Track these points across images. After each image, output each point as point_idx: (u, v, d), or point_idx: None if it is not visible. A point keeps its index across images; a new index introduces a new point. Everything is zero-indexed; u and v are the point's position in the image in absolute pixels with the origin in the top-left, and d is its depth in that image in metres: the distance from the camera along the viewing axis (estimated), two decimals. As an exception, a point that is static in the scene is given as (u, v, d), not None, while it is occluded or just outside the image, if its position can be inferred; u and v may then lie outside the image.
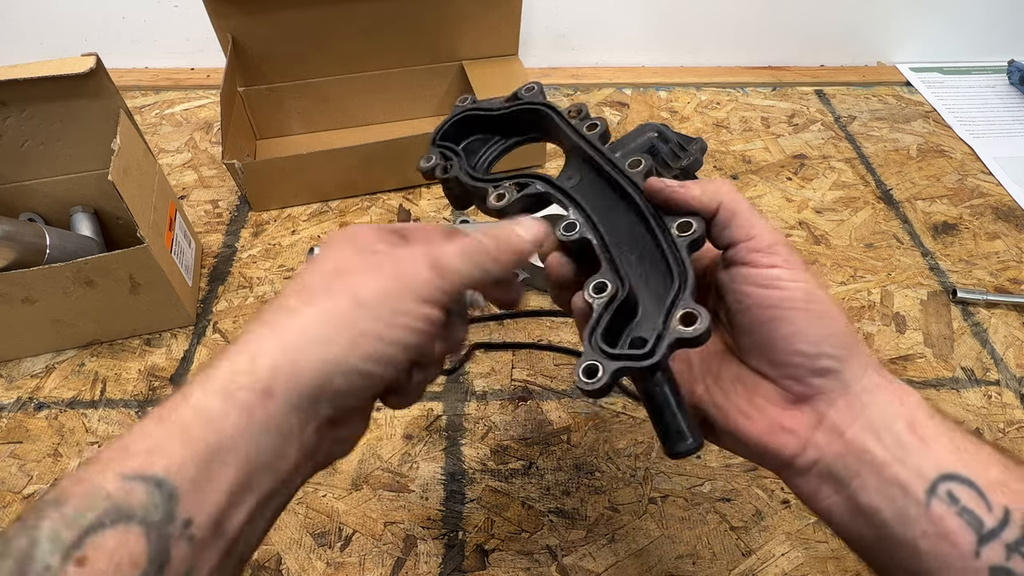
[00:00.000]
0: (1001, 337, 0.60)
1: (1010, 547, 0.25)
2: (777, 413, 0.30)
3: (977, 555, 0.25)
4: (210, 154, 0.78)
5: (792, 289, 0.30)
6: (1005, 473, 0.27)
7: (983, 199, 0.74)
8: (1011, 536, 0.25)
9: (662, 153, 0.67)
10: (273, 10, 0.69)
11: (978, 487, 0.26)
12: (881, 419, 0.28)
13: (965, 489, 0.26)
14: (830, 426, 0.29)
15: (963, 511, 0.26)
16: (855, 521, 0.29)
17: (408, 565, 0.45)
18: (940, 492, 0.26)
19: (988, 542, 0.26)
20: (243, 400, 0.25)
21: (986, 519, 0.26)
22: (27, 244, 0.53)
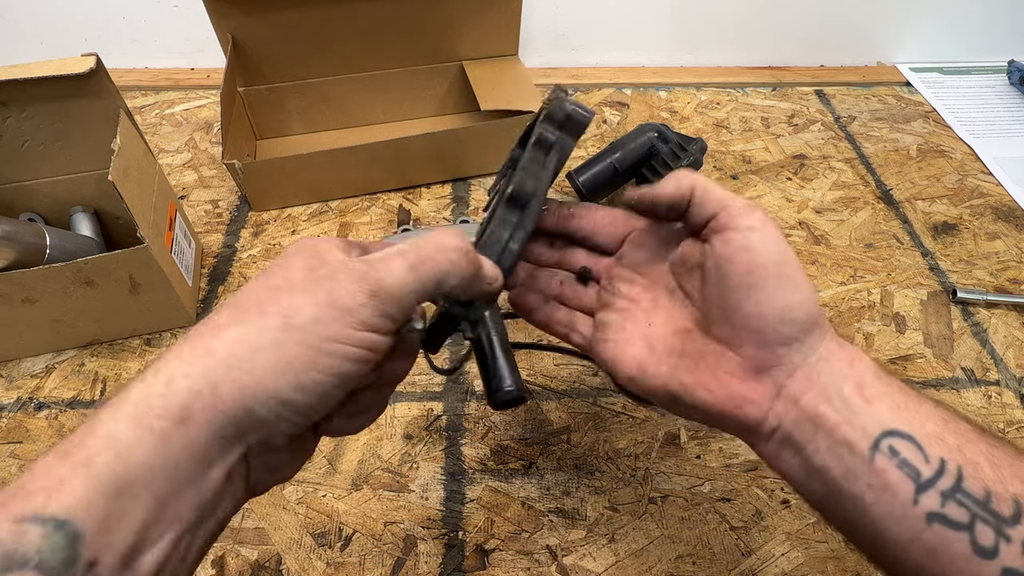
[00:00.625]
0: (1001, 337, 0.60)
1: (945, 494, 0.27)
2: (739, 385, 0.32)
3: (916, 503, 0.28)
4: (210, 154, 0.78)
5: (765, 253, 0.31)
6: (943, 427, 0.29)
7: (983, 199, 0.75)
8: (945, 484, 0.28)
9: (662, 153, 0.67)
10: (273, 10, 0.69)
11: (916, 441, 0.28)
12: (832, 384, 0.30)
13: (905, 443, 0.28)
14: (788, 395, 0.31)
15: (902, 463, 0.28)
16: (810, 480, 0.31)
17: (408, 565, 0.45)
18: (882, 447, 0.29)
19: (925, 491, 0.28)
20: (156, 426, 0.23)
21: (923, 470, 0.28)
22: (27, 244, 0.53)
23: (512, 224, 0.34)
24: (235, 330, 0.25)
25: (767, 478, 0.50)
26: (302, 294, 0.26)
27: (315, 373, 0.25)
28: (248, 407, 0.24)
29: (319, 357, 0.25)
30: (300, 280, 0.27)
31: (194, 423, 0.23)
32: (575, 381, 0.55)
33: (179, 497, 0.23)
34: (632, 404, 0.54)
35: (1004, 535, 0.27)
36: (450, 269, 0.29)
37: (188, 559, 0.25)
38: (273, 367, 0.25)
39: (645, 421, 0.53)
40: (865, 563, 0.45)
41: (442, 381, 0.55)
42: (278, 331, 0.25)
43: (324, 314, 0.26)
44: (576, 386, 0.55)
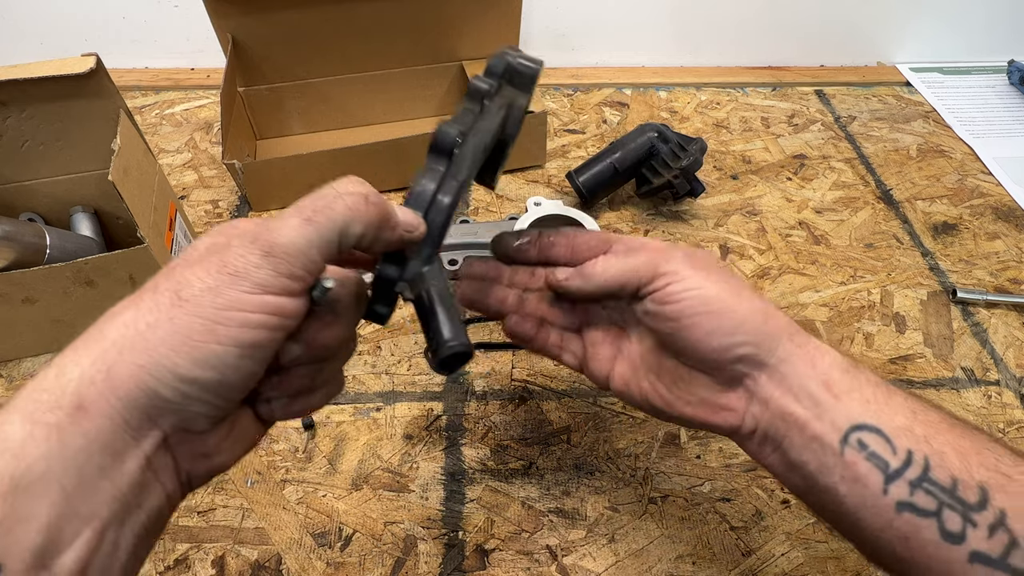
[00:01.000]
0: (1001, 337, 0.60)
1: (912, 483, 0.29)
2: (715, 397, 0.34)
3: (885, 492, 0.29)
4: (210, 154, 0.78)
5: (687, 299, 0.33)
6: (911, 419, 0.30)
7: (983, 199, 0.75)
8: (913, 474, 0.29)
9: (662, 153, 0.67)
10: (273, 10, 0.69)
11: (884, 433, 0.30)
12: (798, 383, 0.32)
13: (873, 436, 0.30)
14: (759, 398, 0.33)
15: (871, 455, 0.30)
16: (790, 474, 0.33)
17: (408, 565, 0.45)
18: (851, 441, 0.30)
19: (894, 481, 0.29)
20: (50, 420, 0.22)
21: (891, 461, 0.29)
22: (27, 244, 0.53)
23: (438, 174, 0.32)
24: (128, 312, 0.24)
25: (767, 478, 0.50)
26: (196, 266, 0.25)
27: (214, 345, 0.24)
28: (149, 389, 0.23)
29: (216, 327, 0.24)
30: (198, 256, 0.25)
31: (91, 413, 0.22)
32: (575, 381, 0.55)
33: (90, 492, 0.22)
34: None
35: (970, 520, 0.28)
36: (350, 215, 0.27)
37: (119, 557, 0.23)
38: (167, 343, 0.23)
39: (645, 421, 0.53)
40: (865, 563, 0.45)
41: (442, 381, 0.55)
42: (170, 306, 0.24)
43: (217, 282, 0.24)
44: (576, 386, 0.55)
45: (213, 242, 0.26)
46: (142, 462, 0.24)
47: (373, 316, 0.32)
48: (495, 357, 0.57)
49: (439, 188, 0.32)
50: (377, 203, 0.28)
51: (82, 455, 0.22)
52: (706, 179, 0.75)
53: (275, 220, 0.26)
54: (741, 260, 0.67)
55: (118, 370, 0.23)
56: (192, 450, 0.26)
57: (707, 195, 0.73)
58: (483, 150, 0.34)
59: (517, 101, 0.37)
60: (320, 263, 0.26)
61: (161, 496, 0.25)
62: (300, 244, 0.25)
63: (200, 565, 0.45)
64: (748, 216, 0.71)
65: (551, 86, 0.89)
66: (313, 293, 0.27)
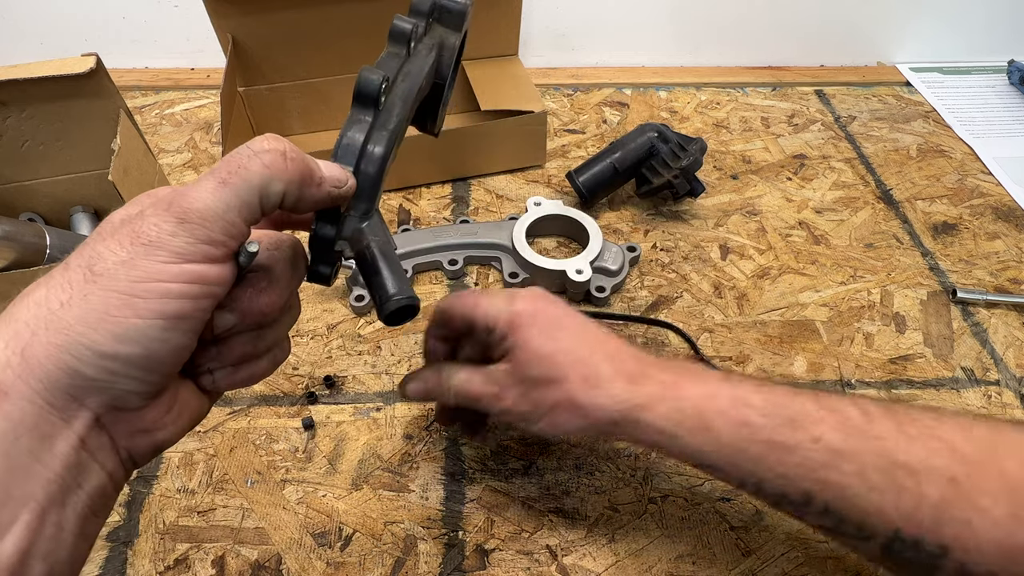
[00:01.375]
0: (1001, 337, 0.60)
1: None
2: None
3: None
4: (210, 154, 0.78)
5: (523, 365, 0.39)
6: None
7: (983, 199, 0.75)
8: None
9: (662, 153, 0.67)
10: (273, 10, 0.69)
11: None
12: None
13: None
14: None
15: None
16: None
17: (408, 565, 0.45)
18: None
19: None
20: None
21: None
22: (27, 244, 0.53)
23: (366, 124, 0.30)
24: (38, 291, 0.23)
25: (767, 478, 0.50)
26: (109, 239, 0.24)
27: (134, 319, 0.23)
28: (69, 368, 0.22)
29: (134, 300, 0.23)
30: (111, 228, 0.24)
31: (10, 396, 0.22)
32: (575, 381, 0.55)
33: (21, 476, 0.22)
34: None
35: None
36: (268, 174, 0.25)
37: (64, 539, 0.23)
38: (84, 320, 0.22)
39: (645, 421, 0.53)
40: (865, 563, 0.45)
41: (442, 381, 0.55)
42: (83, 282, 0.23)
43: (131, 254, 0.23)
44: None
45: (127, 213, 0.25)
46: (75, 442, 0.23)
47: (316, 277, 0.31)
48: (495, 357, 0.57)
49: (368, 139, 0.30)
50: (296, 159, 0.26)
51: (7, 439, 0.21)
52: (706, 179, 0.75)
53: (191, 185, 0.25)
54: (741, 260, 0.67)
55: (33, 351, 0.22)
56: (129, 427, 0.26)
57: (707, 195, 0.73)
58: (414, 95, 0.32)
59: (448, 40, 0.34)
60: (242, 227, 0.25)
61: (102, 475, 0.25)
62: (217, 208, 0.24)
63: (200, 565, 0.45)
64: (748, 216, 0.71)
65: (551, 86, 0.90)
66: (239, 259, 0.26)
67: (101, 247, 0.24)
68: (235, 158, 0.25)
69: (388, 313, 0.32)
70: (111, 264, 0.23)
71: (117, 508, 0.47)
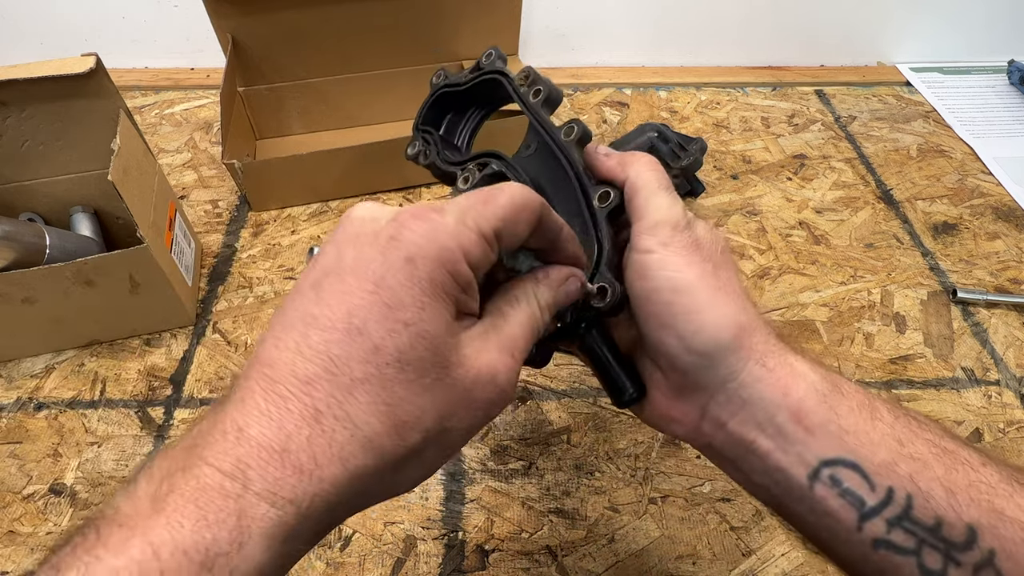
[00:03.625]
0: (1001, 337, 0.60)
1: (890, 522, 0.27)
2: (666, 404, 0.32)
3: (860, 529, 0.27)
4: (210, 154, 0.78)
5: (659, 280, 0.30)
6: (896, 453, 0.28)
7: (983, 199, 0.74)
8: (892, 513, 0.27)
9: (662, 153, 0.67)
10: (273, 10, 0.69)
11: (862, 469, 0.27)
12: (763, 412, 0.29)
13: (848, 471, 0.28)
14: (712, 418, 0.30)
15: (845, 492, 0.27)
16: (755, 491, 0.31)
17: (408, 565, 0.45)
18: (823, 476, 0.28)
19: (870, 519, 0.27)
20: (302, 545, 0.21)
21: (868, 498, 0.27)
22: (27, 244, 0.53)
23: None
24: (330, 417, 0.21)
25: (767, 478, 0.50)
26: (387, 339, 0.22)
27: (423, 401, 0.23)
28: (360, 485, 0.22)
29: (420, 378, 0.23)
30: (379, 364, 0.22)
31: (299, 538, 0.21)
32: (575, 381, 0.55)
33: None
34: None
35: (953, 559, 0.26)
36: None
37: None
38: (383, 436, 0.22)
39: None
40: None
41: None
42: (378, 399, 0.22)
43: (413, 344, 0.22)
44: (576, 386, 0.55)
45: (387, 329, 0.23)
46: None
47: (529, 361, 0.33)
48: (495, 357, 0.57)
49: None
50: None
51: (285, 559, 0.21)
52: (706, 179, 0.75)
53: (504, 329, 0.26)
54: (741, 260, 0.66)
55: (328, 492, 0.21)
56: None
57: (707, 195, 0.73)
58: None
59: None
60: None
61: None
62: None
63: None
64: (748, 216, 0.71)
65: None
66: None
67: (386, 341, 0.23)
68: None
69: (622, 403, 0.33)
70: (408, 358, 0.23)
71: (117, 508, 0.47)
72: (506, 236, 0.25)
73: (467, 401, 0.23)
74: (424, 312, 0.22)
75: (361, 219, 0.24)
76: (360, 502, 0.23)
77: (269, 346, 0.22)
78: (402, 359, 0.21)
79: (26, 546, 0.45)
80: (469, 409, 0.24)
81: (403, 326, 0.21)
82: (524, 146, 0.38)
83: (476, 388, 0.23)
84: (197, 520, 0.19)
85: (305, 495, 0.20)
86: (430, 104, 0.43)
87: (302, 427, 0.20)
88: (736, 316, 0.29)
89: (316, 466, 0.20)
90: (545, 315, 0.28)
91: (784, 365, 0.29)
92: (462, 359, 0.23)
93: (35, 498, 0.48)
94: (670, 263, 0.30)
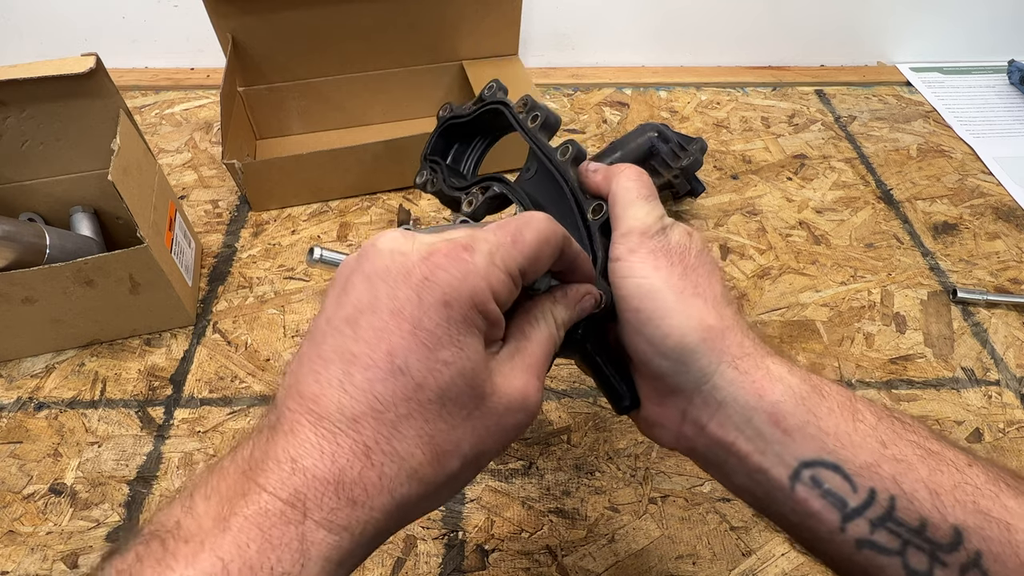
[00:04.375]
0: (1001, 337, 0.60)
1: (873, 523, 0.27)
2: (649, 409, 0.32)
3: (843, 530, 0.27)
4: (210, 154, 0.78)
5: (627, 286, 0.30)
6: (878, 454, 0.27)
7: (983, 199, 0.74)
8: (874, 514, 0.27)
9: (662, 153, 0.67)
10: (273, 10, 0.69)
11: (843, 470, 0.27)
12: (739, 415, 0.29)
13: (829, 473, 0.27)
14: (692, 421, 0.30)
15: (826, 493, 0.27)
16: (739, 493, 0.31)
17: (408, 565, 0.45)
18: (804, 477, 0.28)
19: (852, 519, 0.27)
20: (353, 567, 0.23)
21: (850, 499, 0.27)
22: (27, 244, 0.53)
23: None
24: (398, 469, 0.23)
25: (767, 478, 0.50)
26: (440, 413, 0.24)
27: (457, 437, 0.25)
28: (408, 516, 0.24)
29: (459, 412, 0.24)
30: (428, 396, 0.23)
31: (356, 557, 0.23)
32: (575, 381, 0.55)
33: None
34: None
35: (939, 560, 0.26)
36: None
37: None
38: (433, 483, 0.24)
39: (645, 421, 0.53)
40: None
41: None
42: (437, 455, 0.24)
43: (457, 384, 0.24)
44: (576, 386, 0.55)
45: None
46: None
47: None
48: (495, 357, 0.57)
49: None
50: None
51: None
52: (706, 179, 0.75)
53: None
54: (741, 260, 0.66)
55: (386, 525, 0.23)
56: None
57: (707, 195, 0.73)
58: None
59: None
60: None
61: None
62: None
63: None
64: (748, 216, 0.71)
65: (551, 86, 0.89)
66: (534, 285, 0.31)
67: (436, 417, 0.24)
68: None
69: (621, 410, 0.33)
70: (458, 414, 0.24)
71: (117, 508, 0.47)
72: (530, 272, 0.26)
73: (500, 426, 0.25)
74: (461, 351, 0.23)
75: (391, 252, 0.25)
76: (403, 523, 0.24)
77: (310, 381, 0.23)
78: (444, 395, 0.23)
79: (26, 546, 0.45)
80: (502, 432, 0.25)
81: (444, 365, 0.23)
82: (525, 169, 0.39)
83: (509, 413, 0.25)
84: (262, 542, 0.20)
85: (358, 523, 0.22)
86: (437, 135, 0.46)
87: (354, 462, 0.22)
88: (703, 319, 0.29)
89: (368, 497, 0.22)
90: (561, 332, 0.29)
91: (758, 368, 0.29)
92: (495, 388, 0.25)
93: (35, 498, 0.48)
94: (637, 269, 0.30)
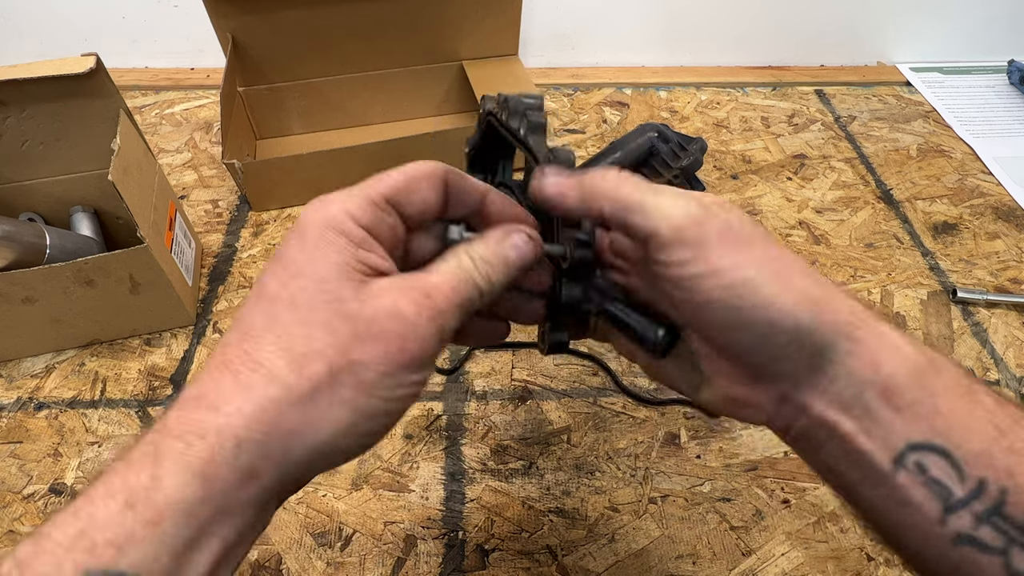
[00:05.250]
0: (1001, 337, 0.60)
1: (979, 517, 0.24)
2: (738, 391, 0.29)
3: (943, 523, 0.25)
4: (210, 154, 0.78)
5: (708, 291, 0.27)
6: (993, 441, 0.25)
7: (983, 199, 0.74)
8: (981, 507, 0.24)
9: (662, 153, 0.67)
10: (273, 10, 0.69)
11: (953, 457, 0.25)
12: (850, 390, 0.26)
13: (936, 458, 0.25)
14: (793, 403, 0.28)
15: (930, 481, 0.25)
16: (828, 476, 0.28)
17: (408, 565, 0.45)
18: (908, 462, 0.25)
19: (955, 511, 0.24)
20: (225, 485, 0.22)
21: (956, 489, 0.25)
22: (27, 244, 0.53)
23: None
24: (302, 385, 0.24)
25: (767, 478, 0.50)
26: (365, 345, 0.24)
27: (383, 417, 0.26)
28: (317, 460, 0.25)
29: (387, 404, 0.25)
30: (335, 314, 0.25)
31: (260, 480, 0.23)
32: (575, 381, 0.55)
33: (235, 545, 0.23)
34: (632, 404, 0.54)
35: None
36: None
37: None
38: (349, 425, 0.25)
39: (645, 421, 0.53)
40: (865, 563, 0.45)
41: (442, 381, 0.55)
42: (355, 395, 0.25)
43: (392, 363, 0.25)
44: (576, 386, 0.55)
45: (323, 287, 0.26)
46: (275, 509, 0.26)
47: (559, 348, 0.34)
48: (495, 357, 0.57)
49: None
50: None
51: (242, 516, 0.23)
52: (706, 179, 0.74)
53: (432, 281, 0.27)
54: (741, 260, 0.66)
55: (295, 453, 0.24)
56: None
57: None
58: None
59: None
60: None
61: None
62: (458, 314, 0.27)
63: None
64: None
65: (551, 86, 0.89)
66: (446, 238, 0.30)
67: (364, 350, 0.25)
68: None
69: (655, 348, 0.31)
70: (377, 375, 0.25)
71: (117, 508, 0.47)
72: (405, 202, 0.28)
73: (370, 334, 0.24)
74: (310, 263, 0.25)
75: None
76: (282, 444, 0.23)
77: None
78: (294, 301, 0.24)
79: (26, 546, 0.45)
80: (376, 342, 0.24)
81: (291, 276, 0.25)
82: (526, 170, 0.39)
83: (377, 321, 0.25)
84: (125, 470, 0.22)
85: (211, 428, 0.22)
86: (471, 172, 0.45)
87: (219, 378, 0.23)
88: (807, 292, 0.26)
89: (224, 402, 0.23)
90: (484, 267, 0.28)
91: (873, 336, 0.26)
92: (361, 296, 0.25)
93: (35, 498, 0.48)
94: (714, 262, 0.27)
